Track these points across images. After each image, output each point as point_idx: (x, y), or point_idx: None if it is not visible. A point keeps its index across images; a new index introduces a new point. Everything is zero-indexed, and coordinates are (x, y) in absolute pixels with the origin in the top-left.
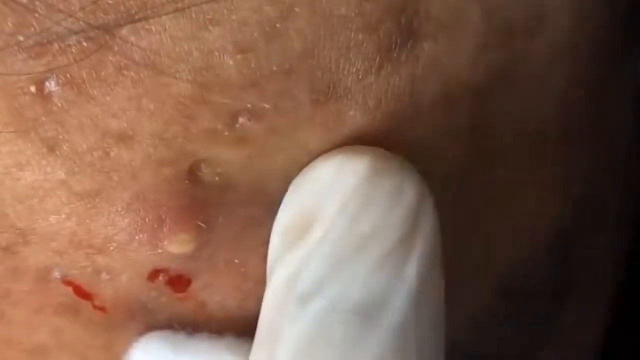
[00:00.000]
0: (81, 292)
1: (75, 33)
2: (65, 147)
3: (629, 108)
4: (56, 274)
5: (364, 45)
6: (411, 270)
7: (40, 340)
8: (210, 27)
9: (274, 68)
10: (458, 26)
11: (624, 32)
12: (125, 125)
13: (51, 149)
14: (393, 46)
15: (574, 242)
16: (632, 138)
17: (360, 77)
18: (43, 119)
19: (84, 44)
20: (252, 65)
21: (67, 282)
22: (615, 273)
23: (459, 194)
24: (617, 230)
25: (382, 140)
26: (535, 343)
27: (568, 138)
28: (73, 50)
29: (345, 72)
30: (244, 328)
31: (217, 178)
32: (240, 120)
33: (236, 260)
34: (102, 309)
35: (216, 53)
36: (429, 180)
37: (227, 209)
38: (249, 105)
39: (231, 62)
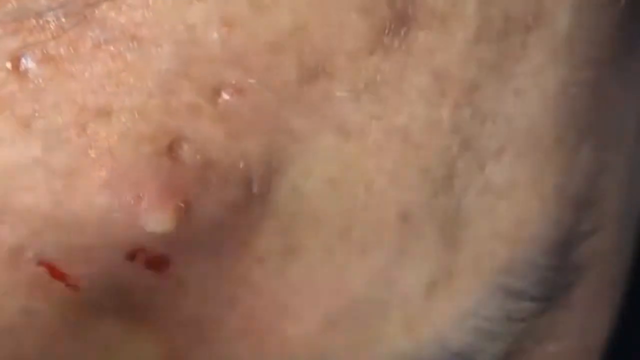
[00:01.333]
0: (55, 273)
1: (53, 9)
2: (41, 124)
3: (633, 107)
4: (29, 254)
5: (357, 26)
6: None
7: (8, 321)
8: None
9: (261, 43)
10: (453, 16)
11: (624, 30)
12: (104, 100)
13: (27, 126)
14: (386, 31)
15: (576, 243)
16: (637, 137)
17: (350, 58)
18: (18, 95)
19: (62, 19)
20: (238, 40)
21: (41, 262)
22: (619, 274)
23: (447, 191)
24: (620, 231)
25: (366, 125)
26: (536, 344)
27: (567, 137)
28: (51, 26)
29: (336, 51)
30: None
31: (198, 157)
32: (224, 95)
33: (216, 242)
34: (75, 287)
35: (200, 26)
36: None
37: (207, 189)
38: (233, 81)
39: (216, 36)
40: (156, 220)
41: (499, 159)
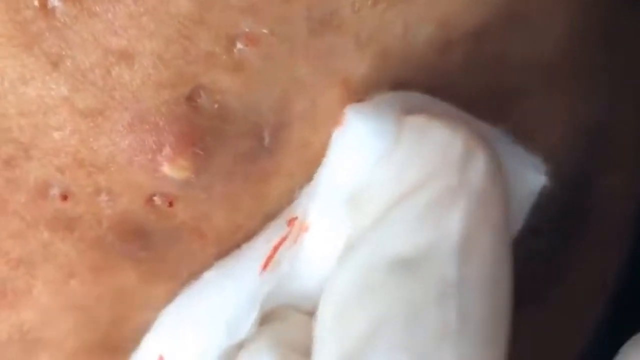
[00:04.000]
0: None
1: None
2: (68, 64)
3: None
4: (55, 190)
5: None
6: (455, 222)
7: (27, 252)
8: None
9: None
10: None
11: None
12: (126, 43)
13: (55, 65)
14: None
15: (590, 179)
16: None
17: (356, 9)
18: (46, 34)
19: None
20: None
21: (64, 197)
22: (630, 213)
23: None
24: (633, 168)
25: (372, 77)
26: (545, 282)
27: (582, 70)
28: None
29: (342, 2)
30: None
31: (215, 106)
32: (238, 45)
33: (229, 193)
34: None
35: None
36: None
37: (224, 139)
38: (247, 29)
39: None
40: (176, 166)
41: (517, 99)
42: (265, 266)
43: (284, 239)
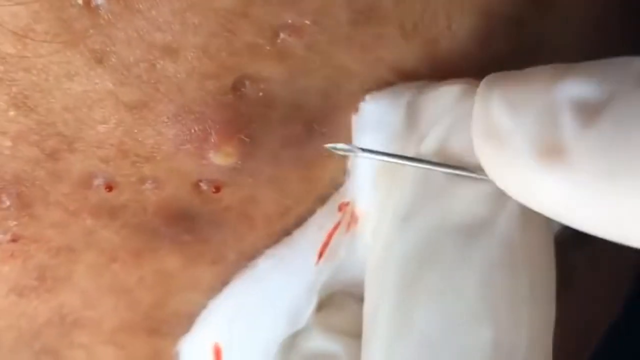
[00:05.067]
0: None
1: None
2: (113, 59)
3: None
4: (99, 181)
5: None
6: None
7: (68, 240)
8: None
9: None
10: None
11: None
12: (171, 38)
13: (99, 61)
14: None
15: None
16: None
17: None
18: (91, 31)
19: None
20: None
21: (109, 187)
22: None
23: None
24: None
25: (417, 64)
26: (573, 268)
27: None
28: None
29: None
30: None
31: (260, 94)
32: (282, 35)
33: (276, 177)
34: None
35: None
36: None
37: (269, 125)
38: (289, 21)
39: None
40: (222, 153)
41: None
42: (320, 255)
43: (337, 226)
